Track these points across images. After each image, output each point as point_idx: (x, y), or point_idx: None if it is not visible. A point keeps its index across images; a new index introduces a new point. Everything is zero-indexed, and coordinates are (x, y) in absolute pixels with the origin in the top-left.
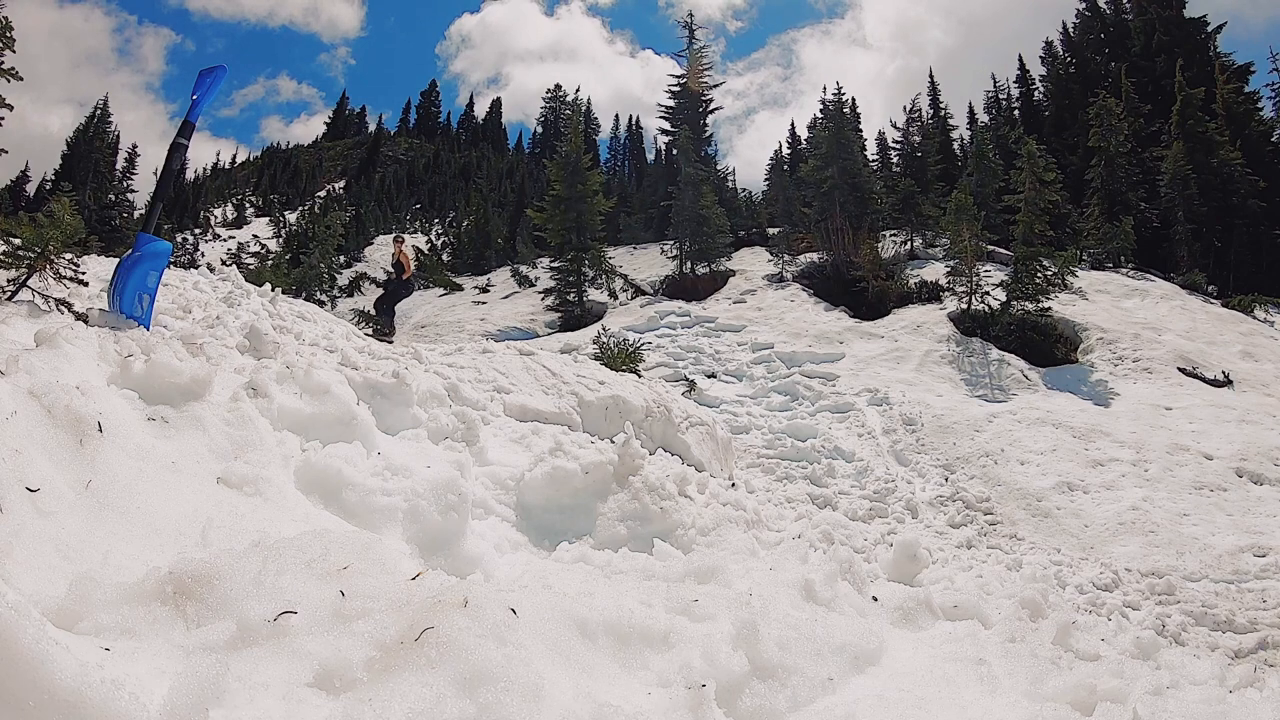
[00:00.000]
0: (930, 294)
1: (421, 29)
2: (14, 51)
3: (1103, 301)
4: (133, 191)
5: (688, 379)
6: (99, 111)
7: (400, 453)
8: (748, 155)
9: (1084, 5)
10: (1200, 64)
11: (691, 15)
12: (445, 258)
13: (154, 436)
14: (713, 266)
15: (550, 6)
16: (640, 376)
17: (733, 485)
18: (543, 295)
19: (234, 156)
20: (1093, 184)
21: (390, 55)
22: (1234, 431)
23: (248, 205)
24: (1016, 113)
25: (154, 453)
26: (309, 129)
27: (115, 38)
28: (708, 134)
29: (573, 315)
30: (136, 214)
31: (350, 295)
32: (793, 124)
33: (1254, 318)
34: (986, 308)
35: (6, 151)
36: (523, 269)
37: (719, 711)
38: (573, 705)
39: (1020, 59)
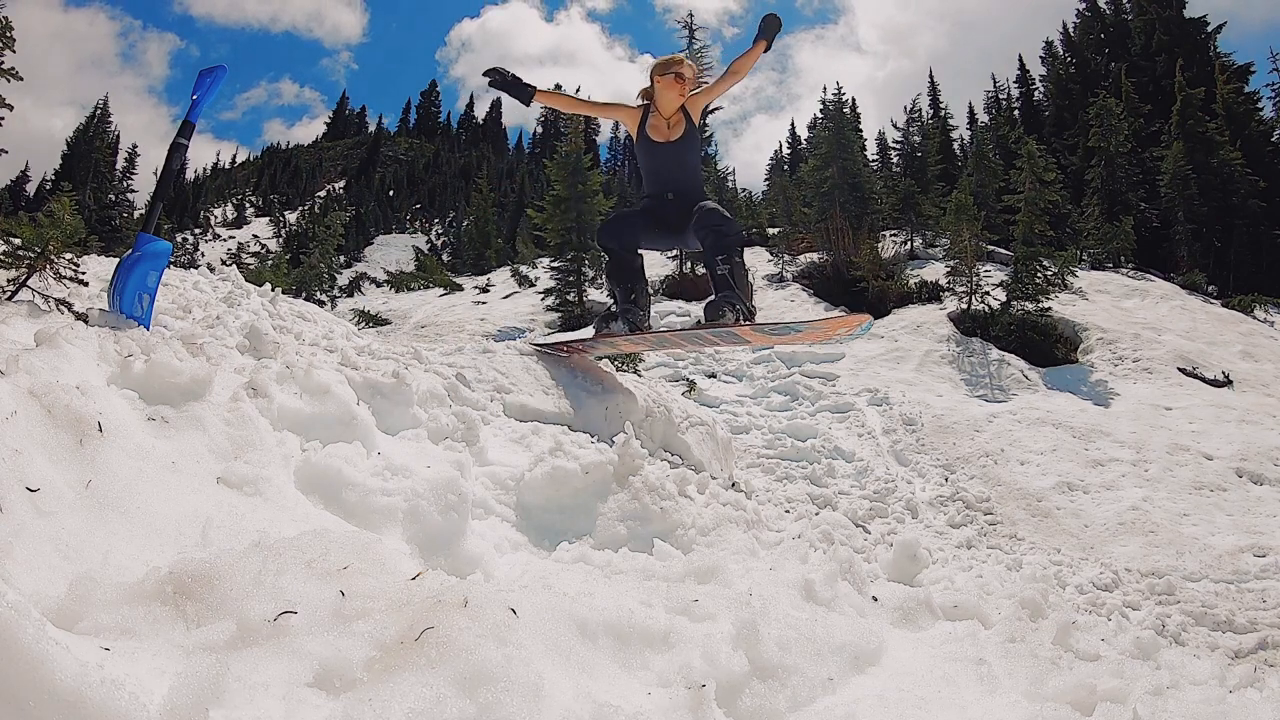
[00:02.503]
0: (930, 294)
1: (422, 34)
2: (14, 51)
3: (1103, 301)
4: (133, 191)
5: (688, 379)
6: (99, 112)
7: (400, 453)
8: (744, 158)
9: (1084, 5)
10: (1200, 64)
11: (691, 15)
12: (445, 258)
13: (154, 436)
14: None
15: (550, 12)
16: (640, 376)
17: (733, 485)
18: (543, 295)
19: (234, 157)
20: (1093, 184)
21: (391, 60)
22: (1234, 431)
23: (248, 205)
24: (1016, 113)
25: (154, 453)
26: (310, 131)
27: (119, 42)
28: (708, 134)
29: (573, 315)
30: (136, 214)
31: (350, 295)
32: (793, 124)
33: (1254, 318)
34: (986, 308)
35: (6, 152)
36: (523, 269)
37: (719, 711)
38: (573, 705)
39: (1020, 59)
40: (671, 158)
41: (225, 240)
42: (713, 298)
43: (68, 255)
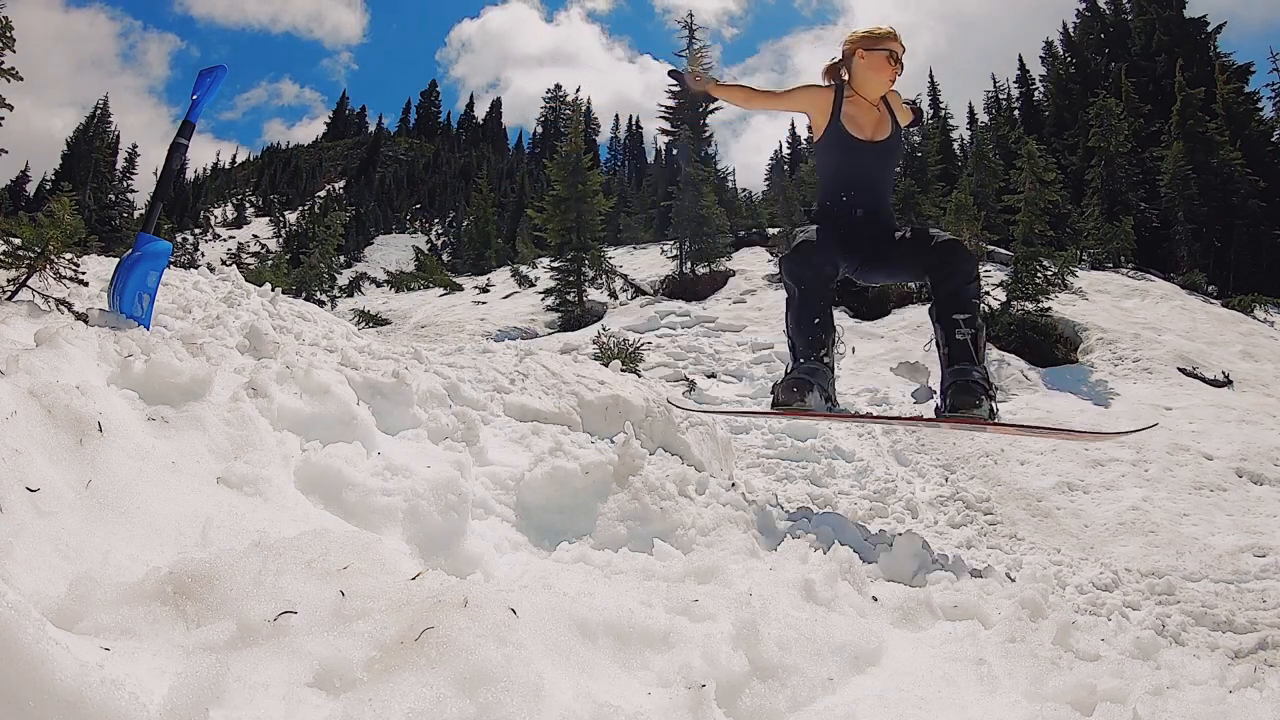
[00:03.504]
0: (931, 294)
1: (422, 35)
2: (14, 51)
3: (1103, 301)
4: (133, 191)
5: (688, 379)
6: (99, 112)
7: (400, 452)
8: (743, 159)
9: (1084, 5)
10: (1200, 64)
11: (691, 15)
12: (445, 258)
13: (154, 436)
14: (713, 266)
15: (550, 13)
16: (640, 376)
17: (733, 485)
18: (543, 295)
19: (234, 157)
20: (1093, 184)
21: (391, 60)
22: (1234, 431)
23: (248, 205)
24: (1016, 113)
25: (154, 453)
26: (310, 131)
27: (119, 42)
28: (708, 134)
29: (573, 315)
30: (136, 214)
31: (350, 295)
32: (792, 124)
33: (1254, 318)
34: (986, 308)
35: (6, 152)
36: (523, 269)
37: (719, 711)
38: (573, 705)
39: (1020, 59)
40: (871, 162)
41: (225, 240)
42: (952, 375)
43: (68, 255)
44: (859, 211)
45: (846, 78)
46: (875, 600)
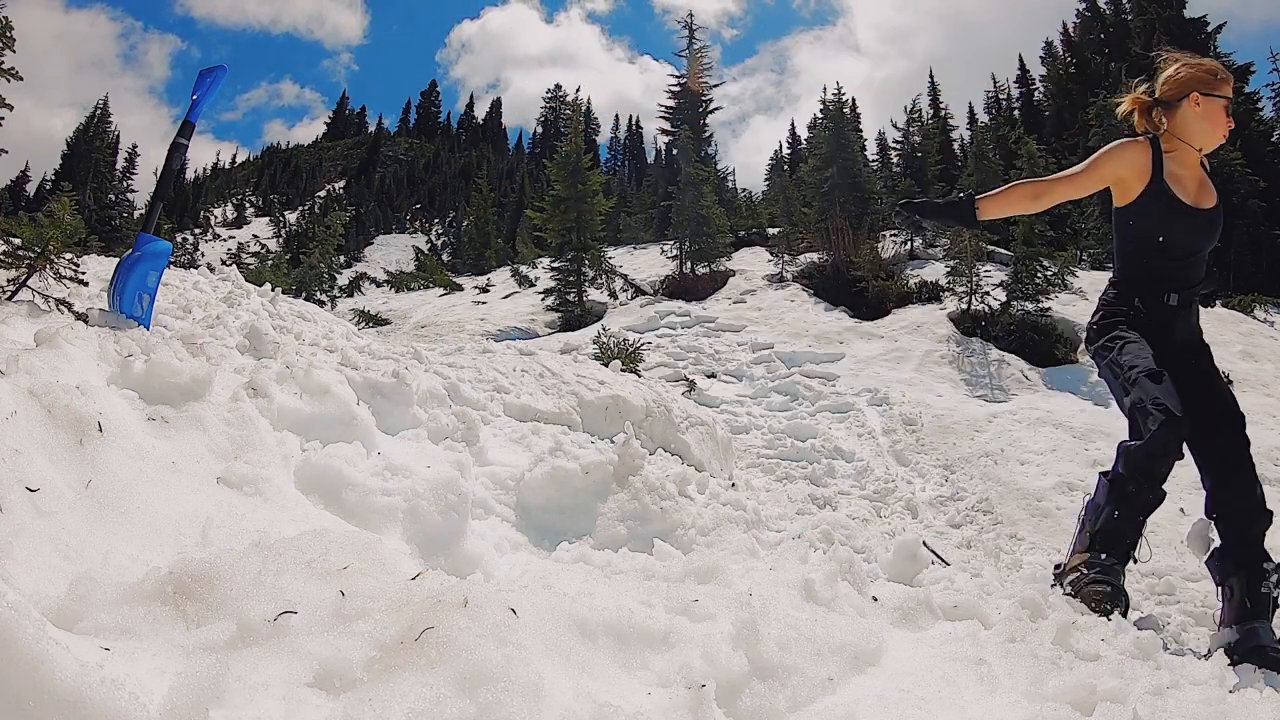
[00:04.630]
0: (930, 294)
1: (422, 35)
2: (14, 51)
3: None
4: (133, 191)
5: (688, 379)
6: (99, 112)
7: (400, 453)
8: (743, 159)
9: (1084, 5)
10: None
11: (691, 15)
12: (445, 258)
13: (154, 436)
14: (713, 266)
15: (550, 14)
16: (640, 376)
17: (733, 485)
18: (543, 295)
19: (234, 157)
20: None
21: (391, 61)
22: None
23: (248, 205)
24: (1017, 113)
25: (154, 453)
26: (310, 131)
27: (120, 43)
28: (708, 134)
29: (573, 315)
30: (136, 214)
31: (350, 295)
32: (793, 124)
33: (1254, 318)
34: (986, 308)
35: (6, 152)
36: (523, 269)
37: (719, 711)
38: (573, 705)
39: (1020, 59)
40: (1196, 233)
41: (225, 240)
42: (1254, 638)
43: (68, 255)
44: (1172, 298)
45: (1164, 124)
46: (875, 600)
